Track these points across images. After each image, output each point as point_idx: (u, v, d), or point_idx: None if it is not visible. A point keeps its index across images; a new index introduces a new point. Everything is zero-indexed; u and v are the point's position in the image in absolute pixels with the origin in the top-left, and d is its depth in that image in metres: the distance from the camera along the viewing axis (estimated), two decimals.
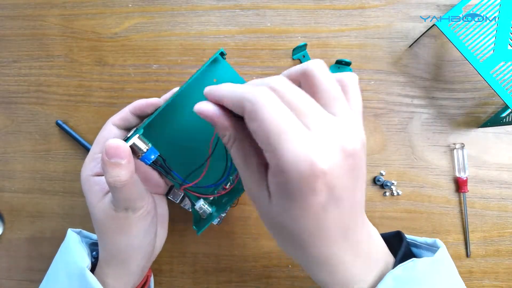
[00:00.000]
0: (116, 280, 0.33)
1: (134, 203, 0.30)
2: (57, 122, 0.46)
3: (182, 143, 0.35)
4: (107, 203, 0.30)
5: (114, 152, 0.26)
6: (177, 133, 0.35)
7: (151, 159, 0.30)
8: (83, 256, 0.34)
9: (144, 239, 0.32)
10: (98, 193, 0.31)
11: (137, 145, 0.30)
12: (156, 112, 0.31)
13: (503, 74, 0.37)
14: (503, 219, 0.43)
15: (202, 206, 0.35)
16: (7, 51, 0.48)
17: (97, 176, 0.31)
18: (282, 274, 0.44)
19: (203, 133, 0.34)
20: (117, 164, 0.26)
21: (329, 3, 0.46)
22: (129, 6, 0.48)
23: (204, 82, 0.33)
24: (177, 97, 0.32)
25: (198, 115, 0.23)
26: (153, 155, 0.30)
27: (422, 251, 0.30)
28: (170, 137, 0.35)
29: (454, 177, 0.43)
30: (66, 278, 0.33)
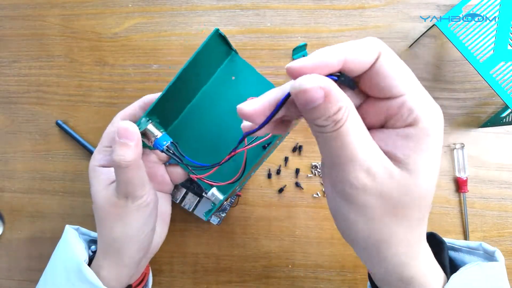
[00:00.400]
0: (110, 271, 0.33)
1: (134, 190, 0.30)
2: (57, 122, 0.46)
3: (201, 139, 0.36)
4: (110, 191, 0.31)
5: (124, 133, 0.28)
6: (196, 131, 0.36)
7: (163, 145, 0.31)
8: (81, 250, 0.34)
9: (140, 231, 0.32)
10: (104, 182, 0.32)
11: (150, 130, 0.31)
12: (160, 95, 0.31)
13: (503, 74, 0.37)
14: (503, 219, 0.43)
15: (214, 193, 0.34)
16: (7, 51, 0.48)
17: (103, 167, 0.33)
18: (282, 274, 0.44)
19: (222, 130, 0.36)
20: (125, 144, 0.28)
21: (329, 3, 0.46)
22: (129, 6, 0.48)
23: (222, 81, 0.35)
24: (197, 99, 0.35)
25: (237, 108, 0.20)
26: (166, 141, 0.31)
27: (462, 254, 0.28)
28: (189, 134, 0.36)
29: (454, 177, 0.43)
30: (64, 272, 0.33)
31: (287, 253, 0.44)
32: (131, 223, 0.31)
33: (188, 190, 0.44)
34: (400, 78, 0.19)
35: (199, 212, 0.43)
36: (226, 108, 0.36)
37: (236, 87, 0.36)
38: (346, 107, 0.18)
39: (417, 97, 0.19)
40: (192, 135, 0.36)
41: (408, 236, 0.21)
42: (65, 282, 0.32)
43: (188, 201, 0.43)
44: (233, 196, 0.44)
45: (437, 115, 0.19)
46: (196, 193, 0.44)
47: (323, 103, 0.17)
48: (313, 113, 0.18)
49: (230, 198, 0.44)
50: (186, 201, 0.43)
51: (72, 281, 0.32)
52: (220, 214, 0.43)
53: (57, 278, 0.34)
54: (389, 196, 0.19)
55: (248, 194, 0.45)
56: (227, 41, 0.33)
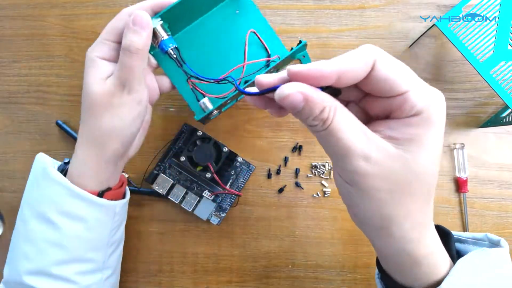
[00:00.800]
0: (91, 167, 0.34)
1: (133, 80, 0.32)
2: (57, 122, 0.46)
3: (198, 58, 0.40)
4: (108, 82, 0.32)
5: (140, 21, 0.30)
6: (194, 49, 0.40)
7: (169, 46, 0.34)
8: (47, 159, 0.36)
9: (128, 125, 0.33)
10: (102, 73, 0.32)
11: (158, 30, 0.34)
12: (176, 2, 0.34)
13: (503, 74, 0.37)
14: (503, 219, 0.43)
15: (205, 102, 0.37)
16: (7, 51, 0.48)
17: (103, 59, 0.33)
18: (282, 274, 0.44)
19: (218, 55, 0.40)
20: (138, 32, 0.31)
21: (329, 3, 0.46)
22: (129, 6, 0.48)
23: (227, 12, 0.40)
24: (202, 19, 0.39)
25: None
26: (171, 44, 0.34)
27: (468, 245, 0.29)
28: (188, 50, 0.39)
29: (454, 177, 0.43)
30: (33, 182, 0.35)
31: (287, 253, 0.44)
32: (123, 115, 0.33)
33: (188, 190, 0.44)
34: (399, 79, 0.21)
35: (199, 212, 0.43)
36: (224, 36, 0.40)
37: (237, 21, 0.40)
38: (331, 106, 0.20)
39: (418, 92, 0.21)
40: (191, 52, 0.39)
41: (415, 213, 0.22)
42: (35, 190, 0.34)
43: (188, 201, 0.43)
44: (233, 196, 0.44)
45: (438, 103, 0.21)
46: (196, 193, 0.44)
47: (306, 105, 0.20)
48: (301, 115, 0.20)
49: (230, 198, 0.44)
50: (186, 201, 0.43)
51: (40, 186, 0.34)
52: (220, 214, 0.44)
53: (29, 193, 0.35)
54: (392, 176, 0.21)
55: (248, 194, 0.45)
56: None
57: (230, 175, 0.44)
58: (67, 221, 0.33)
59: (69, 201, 0.33)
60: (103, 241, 0.36)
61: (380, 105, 0.22)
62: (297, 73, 0.20)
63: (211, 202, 0.43)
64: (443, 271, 0.25)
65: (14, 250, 0.35)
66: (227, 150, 0.42)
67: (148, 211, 0.45)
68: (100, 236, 0.36)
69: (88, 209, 0.34)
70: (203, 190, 0.44)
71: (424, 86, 0.21)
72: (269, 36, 0.40)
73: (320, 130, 0.21)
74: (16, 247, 0.35)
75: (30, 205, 0.35)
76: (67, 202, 0.33)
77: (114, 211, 0.36)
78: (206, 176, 0.41)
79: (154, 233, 0.45)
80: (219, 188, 0.44)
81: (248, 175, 0.44)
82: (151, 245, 0.45)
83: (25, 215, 0.35)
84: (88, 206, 0.34)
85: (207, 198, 0.43)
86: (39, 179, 0.34)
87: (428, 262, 0.24)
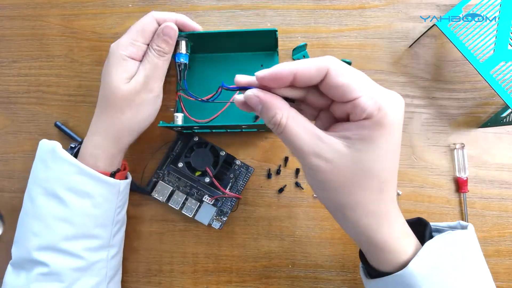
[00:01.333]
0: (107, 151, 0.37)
1: (156, 81, 0.37)
2: (56, 123, 0.46)
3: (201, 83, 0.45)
4: (134, 81, 0.36)
5: (169, 32, 0.37)
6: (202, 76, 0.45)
7: (180, 59, 0.40)
8: (54, 141, 0.37)
9: (146, 121, 0.39)
10: (129, 72, 0.37)
11: (181, 44, 0.40)
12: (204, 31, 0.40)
13: (503, 74, 0.37)
14: (503, 219, 0.43)
15: (178, 116, 0.42)
16: (7, 51, 0.48)
17: (132, 60, 0.37)
18: (282, 274, 0.44)
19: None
20: (167, 41, 0.37)
21: (329, 3, 0.46)
22: (129, 6, 0.48)
23: (252, 61, 0.44)
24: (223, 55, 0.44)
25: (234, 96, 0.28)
26: (183, 59, 0.40)
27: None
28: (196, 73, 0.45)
29: (454, 177, 0.43)
30: (41, 162, 0.37)
31: (287, 253, 0.44)
32: (144, 111, 0.37)
33: (188, 196, 0.44)
34: (350, 86, 0.24)
35: (200, 217, 0.43)
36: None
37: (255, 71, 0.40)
38: (283, 113, 0.25)
39: (368, 97, 0.24)
40: (201, 75, 0.45)
41: (367, 203, 0.26)
42: (43, 170, 0.36)
43: (188, 207, 0.43)
44: (234, 199, 0.44)
45: (391, 107, 0.24)
46: (196, 198, 0.44)
47: (263, 108, 0.25)
48: (263, 118, 0.26)
49: (231, 201, 0.44)
50: (186, 207, 0.43)
51: (49, 165, 0.36)
52: (221, 218, 0.43)
53: (36, 172, 0.37)
54: (342, 171, 0.25)
55: (248, 194, 0.45)
56: (277, 41, 0.42)
57: (229, 179, 0.43)
58: (75, 198, 0.35)
59: (78, 178, 0.35)
60: (109, 219, 0.38)
61: (341, 109, 0.26)
62: (262, 76, 0.24)
63: (211, 206, 0.43)
64: (410, 255, 0.27)
65: (22, 227, 0.37)
66: (225, 154, 0.42)
67: (148, 211, 0.45)
68: (106, 214, 0.38)
69: (96, 187, 0.36)
70: (203, 195, 0.44)
71: (376, 92, 0.24)
72: None
73: (279, 133, 0.25)
74: (24, 225, 0.36)
75: (37, 184, 0.36)
76: (75, 179, 0.35)
77: (119, 189, 0.39)
78: (205, 181, 0.41)
79: (154, 233, 0.45)
80: (219, 192, 0.44)
81: (247, 177, 0.44)
82: (151, 245, 0.45)
83: (33, 194, 0.36)
84: (96, 183, 0.36)
85: (207, 203, 0.43)
86: (48, 159, 0.36)
87: (390, 247, 0.27)
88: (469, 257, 0.28)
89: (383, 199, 0.26)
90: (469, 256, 0.28)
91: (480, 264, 0.29)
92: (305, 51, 0.45)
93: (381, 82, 0.44)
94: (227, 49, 0.44)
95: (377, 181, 0.25)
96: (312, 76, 0.24)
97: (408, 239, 0.28)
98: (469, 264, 0.28)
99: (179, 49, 0.40)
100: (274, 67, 0.24)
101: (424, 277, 0.26)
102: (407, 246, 0.28)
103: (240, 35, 0.40)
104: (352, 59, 0.44)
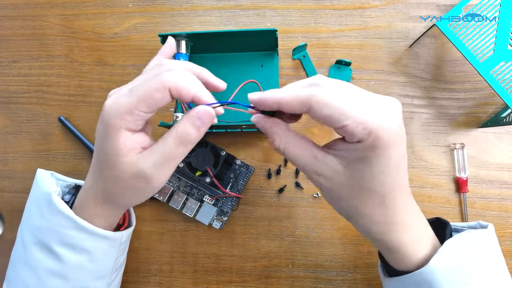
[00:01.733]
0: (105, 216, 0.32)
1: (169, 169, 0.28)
2: (60, 118, 0.46)
3: None
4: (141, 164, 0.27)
5: (205, 117, 0.27)
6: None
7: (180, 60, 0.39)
8: (50, 184, 0.34)
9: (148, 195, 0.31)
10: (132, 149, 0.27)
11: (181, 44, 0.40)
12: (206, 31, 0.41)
13: (503, 74, 0.37)
14: (503, 219, 0.43)
15: (179, 116, 0.40)
16: (7, 51, 0.48)
17: (129, 131, 0.27)
18: (282, 274, 0.44)
19: None
20: (199, 127, 0.27)
21: (329, 3, 0.46)
22: (129, 6, 0.48)
23: (252, 61, 0.44)
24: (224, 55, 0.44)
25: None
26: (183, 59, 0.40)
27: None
28: None
29: (454, 177, 0.43)
30: (37, 209, 0.33)
31: (287, 253, 0.44)
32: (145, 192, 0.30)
33: (188, 196, 0.44)
34: (335, 116, 0.23)
35: (200, 217, 0.43)
36: (237, 79, 0.43)
37: (256, 72, 0.44)
38: (281, 138, 0.27)
39: (357, 123, 0.23)
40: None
41: (377, 216, 0.27)
42: (39, 219, 0.32)
43: (189, 207, 0.43)
44: (234, 199, 0.44)
45: (383, 129, 0.23)
46: (196, 198, 0.44)
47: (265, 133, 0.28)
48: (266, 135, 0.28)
49: (231, 201, 0.44)
50: (187, 207, 0.43)
51: (45, 216, 0.32)
52: (222, 218, 0.43)
53: (32, 218, 0.34)
54: (341, 188, 0.26)
55: (248, 194, 0.45)
56: (277, 41, 0.41)
57: (230, 178, 0.43)
58: (71, 253, 0.32)
59: (74, 233, 0.31)
60: (107, 271, 0.35)
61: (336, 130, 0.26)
62: (251, 99, 0.27)
63: (212, 206, 0.43)
64: (426, 256, 0.28)
65: (14, 271, 0.34)
66: (225, 154, 0.42)
67: (148, 211, 0.45)
68: (105, 267, 0.35)
69: (94, 242, 0.32)
70: (203, 195, 0.44)
71: (366, 114, 0.23)
72: None
73: (281, 154, 0.28)
74: (15, 268, 0.34)
75: (31, 231, 0.33)
76: (71, 234, 0.31)
77: (120, 241, 0.35)
78: (205, 181, 0.41)
79: (154, 233, 0.45)
80: (219, 192, 0.44)
81: (247, 177, 0.44)
82: (151, 245, 0.45)
83: (25, 238, 0.33)
84: (94, 239, 0.32)
85: (208, 203, 0.43)
86: (43, 206, 0.32)
87: (402, 251, 0.28)
88: (489, 256, 0.29)
89: (387, 211, 0.27)
90: (488, 255, 0.29)
91: (500, 263, 0.29)
92: (305, 51, 0.45)
93: (381, 82, 0.44)
94: (227, 49, 0.44)
95: (377, 196, 0.26)
96: (297, 109, 0.25)
97: (424, 241, 0.28)
98: (489, 263, 0.28)
99: (179, 49, 0.40)
100: (262, 93, 0.26)
101: (444, 275, 0.27)
102: (422, 248, 0.28)
103: (240, 35, 0.40)
104: (352, 59, 0.44)
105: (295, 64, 0.45)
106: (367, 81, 0.44)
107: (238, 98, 0.40)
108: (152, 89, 0.25)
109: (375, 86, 0.44)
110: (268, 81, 0.44)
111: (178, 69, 0.26)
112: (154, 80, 0.25)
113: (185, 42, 0.40)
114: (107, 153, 0.27)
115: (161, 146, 0.27)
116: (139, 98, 0.25)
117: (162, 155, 0.27)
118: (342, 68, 0.44)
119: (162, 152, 0.27)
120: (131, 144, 0.27)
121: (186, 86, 0.26)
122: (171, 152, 0.27)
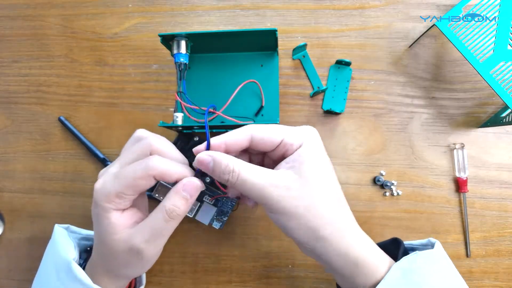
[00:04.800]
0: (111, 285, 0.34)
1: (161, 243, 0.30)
2: (60, 118, 0.46)
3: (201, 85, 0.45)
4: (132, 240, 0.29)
5: (190, 188, 0.30)
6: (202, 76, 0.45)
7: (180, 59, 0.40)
8: (69, 249, 0.35)
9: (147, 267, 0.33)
10: (125, 226, 0.30)
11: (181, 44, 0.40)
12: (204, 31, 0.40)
13: (503, 74, 0.37)
14: (503, 219, 0.43)
15: (178, 116, 0.41)
16: (7, 51, 0.48)
17: (118, 211, 0.30)
18: (282, 274, 0.44)
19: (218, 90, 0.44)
20: (186, 199, 0.30)
21: (329, 3, 0.46)
22: (129, 6, 0.48)
23: (252, 61, 0.44)
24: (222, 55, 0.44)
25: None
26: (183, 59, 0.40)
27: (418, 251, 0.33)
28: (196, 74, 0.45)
29: (454, 177, 0.43)
30: (55, 272, 0.34)
31: (287, 253, 0.44)
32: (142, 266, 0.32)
33: None
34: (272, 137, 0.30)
35: (200, 217, 0.43)
36: (237, 78, 0.44)
37: (256, 72, 0.44)
38: (234, 162, 0.28)
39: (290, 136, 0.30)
40: (201, 73, 0.45)
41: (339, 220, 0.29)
42: (56, 282, 0.33)
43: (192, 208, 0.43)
44: (234, 199, 0.44)
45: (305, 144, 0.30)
46: (196, 198, 0.43)
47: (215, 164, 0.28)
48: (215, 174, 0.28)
49: (231, 201, 0.44)
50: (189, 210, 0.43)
51: (62, 280, 0.33)
52: (221, 218, 0.43)
53: (48, 278, 0.34)
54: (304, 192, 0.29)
55: None
56: (277, 41, 0.41)
57: None
58: None
59: None
60: None
61: (273, 154, 0.31)
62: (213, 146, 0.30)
63: (212, 206, 0.43)
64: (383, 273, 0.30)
65: None
66: None
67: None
68: None
69: None
70: (203, 195, 0.43)
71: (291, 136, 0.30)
72: (271, 97, 0.44)
73: (235, 181, 0.28)
74: None
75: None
76: None
77: None
78: (205, 181, 0.41)
79: None
80: (219, 192, 0.44)
81: None
82: None
83: None
84: None
85: (207, 203, 0.43)
86: (61, 271, 0.33)
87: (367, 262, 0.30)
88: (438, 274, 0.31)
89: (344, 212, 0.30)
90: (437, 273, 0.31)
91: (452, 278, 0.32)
92: (305, 51, 0.45)
93: (381, 82, 0.44)
94: (227, 49, 0.44)
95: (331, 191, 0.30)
96: (243, 144, 0.30)
97: (382, 255, 0.31)
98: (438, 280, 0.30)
99: (179, 49, 0.40)
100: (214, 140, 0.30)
101: None
102: (382, 261, 0.31)
103: (240, 35, 0.40)
104: (352, 59, 0.44)
105: (295, 64, 0.45)
106: (367, 81, 0.45)
107: (238, 97, 0.41)
108: (137, 177, 0.28)
109: (375, 86, 0.44)
110: (268, 81, 0.44)
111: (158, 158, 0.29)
112: (138, 168, 0.28)
113: (185, 42, 0.40)
114: (100, 232, 0.30)
115: (151, 221, 0.29)
116: (125, 185, 0.28)
117: (152, 230, 0.29)
118: (342, 68, 0.44)
119: (152, 228, 0.29)
120: (121, 222, 0.29)
121: (168, 172, 0.29)
122: (161, 227, 0.29)
